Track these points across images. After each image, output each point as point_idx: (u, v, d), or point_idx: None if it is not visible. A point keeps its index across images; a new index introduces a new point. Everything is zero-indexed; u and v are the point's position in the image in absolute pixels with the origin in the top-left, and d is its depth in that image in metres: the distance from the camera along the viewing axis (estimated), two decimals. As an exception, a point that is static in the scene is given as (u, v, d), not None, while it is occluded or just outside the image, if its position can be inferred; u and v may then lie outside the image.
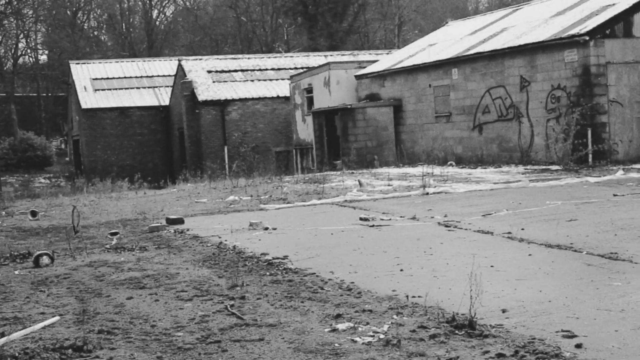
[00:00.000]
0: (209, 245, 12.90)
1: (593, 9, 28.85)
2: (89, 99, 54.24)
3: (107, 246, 13.26)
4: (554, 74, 27.39)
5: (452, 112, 32.68)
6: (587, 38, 25.94)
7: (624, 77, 26.41)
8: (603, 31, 26.24)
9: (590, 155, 25.88)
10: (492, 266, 9.64)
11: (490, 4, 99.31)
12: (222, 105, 48.53)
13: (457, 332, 6.68)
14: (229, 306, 8.10)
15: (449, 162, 31.42)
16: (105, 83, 56.26)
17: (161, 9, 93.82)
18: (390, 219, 14.97)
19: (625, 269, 9.10)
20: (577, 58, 26.39)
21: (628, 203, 15.29)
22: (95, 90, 55.26)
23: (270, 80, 51.87)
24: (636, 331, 6.52)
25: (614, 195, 16.75)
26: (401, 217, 15.25)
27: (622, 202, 15.46)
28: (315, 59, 54.07)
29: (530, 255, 10.42)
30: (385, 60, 41.33)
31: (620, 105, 26.36)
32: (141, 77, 58.01)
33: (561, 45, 27.03)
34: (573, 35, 26.47)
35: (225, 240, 13.12)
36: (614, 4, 28.03)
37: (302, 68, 50.24)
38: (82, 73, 56.87)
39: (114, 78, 57.07)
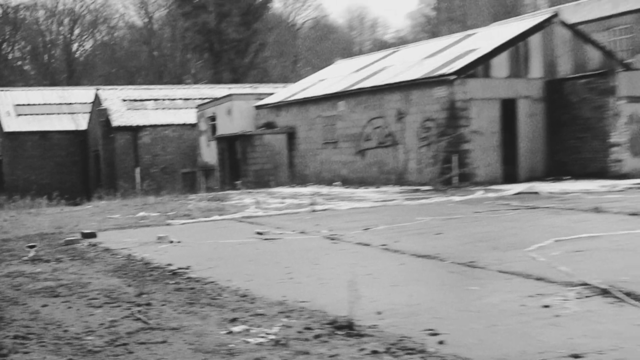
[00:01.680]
0: (119, 257, 12.60)
1: (459, 52, 29.67)
2: (11, 123, 52.69)
3: (25, 258, 12.81)
4: (425, 108, 27.95)
5: (338, 139, 32.98)
6: (454, 77, 26.57)
7: (483, 111, 27.15)
8: (467, 72, 26.95)
9: (455, 178, 26.45)
10: (369, 274, 9.73)
11: (373, 45, 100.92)
12: (134, 130, 47.83)
13: (338, 332, 6.74)
14: (135, 312, 7.97)
15: (335, 183, 31.66)
16: (27, 109, 54.85)
17: (81, 43, 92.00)
18: (282, 233, 14.94)
19: (482, 275, 9.34)
20: (445, 94, 27.00)
21: (486, 219, 15.66)
22: (18, 115, 53.74)
23: (179, 109, 51.37)
24: (490, 328, 6.71)
25: (475, 212, 17.08)
26: (292, 231, 15.24)
27: (481, 218, 15.83)
28: (219, 91, 53.79)
29: (402, 264, 10.59)
30: (281, 93, 41.46)
31: (481, 135, 27.04)
32: (61, 104, 56.82)
33: (432, 83, 27.62)
34: (442, 75, 27.11)
35: (135, 253, 12.84)
36: (476, 49, 28.91)
37: (207, 98, 49.85)
38: (6, 99, 55.23)
39: (35, 104, 55.67)
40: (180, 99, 53.09)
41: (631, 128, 26.76)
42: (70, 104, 56.99)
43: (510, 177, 27.42)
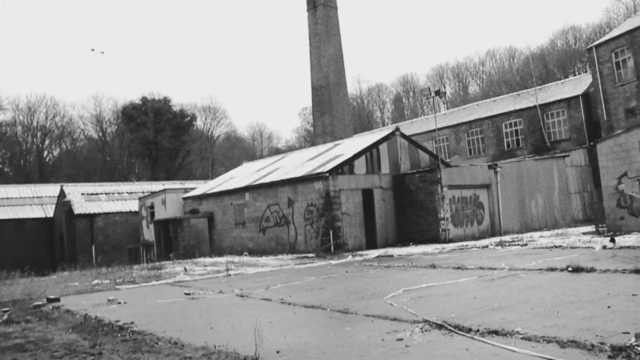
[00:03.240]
0: (77, 316, 11.84)
1: (331, 157, 30.28)
2: (-8, 213, 50.23)
3: None
4: (309, 196, 28.22)
5: (246, 221, 32.71)
6: (328, 175, 27.06)
7: (350, 198, 27.65)
8: (337, 170, 27.49)
9: (332, 247, 26.60)
10: (270, 322, 9.54)
11: (270, 151, 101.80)
12: (91, 217, 46.19)
13: (247, 368, 6.54)
14: (90, 360, 7.49)
15: (244, 253, 31.22)
16: (6, 201, 52.92)
17: (50, 151, 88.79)
18: (205, 293, 14.53)
19: (353, 319, 9.31)
20: (322, 187, 27.39)
21: (355, 276, 15.72)
22: (-1, 207, 51.56)
23: (125, 200, 50.11)
24: (359, 358, 6.66)
25: (346, 272, 17.14)
26: (212, 291, 14.83)
27: (351, 276, 15.86)
28: (156, 186, 52.92)
29: (294, 313, 10.43)
30: (203, 187, 40.98)
31: (349, 215, 27.46)
32: (33, 197, 54.97)
33: (313, 179, 28.00)
34: (319, 173, 27.54)
35: (90, 312, 12.10)
36: (343, 154, 29.59)
37: (147, 192, 49.02)
38: (-13, 195, 53.00)
39: (12, 198, 53.85)
40: (126, 192, 52.00)
41: (452, 207, 27.79)
42: (40, 197, 55.58)
43: (371, 244, 27.82)
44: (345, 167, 27.90)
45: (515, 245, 21.76)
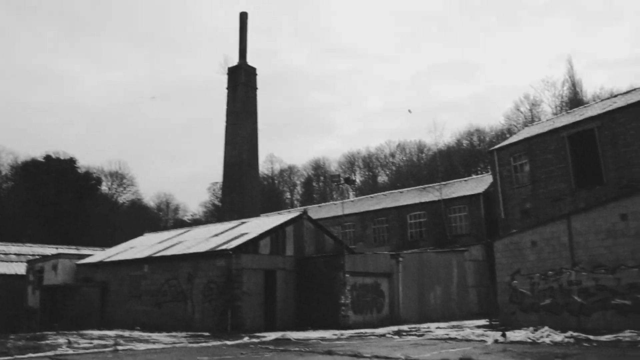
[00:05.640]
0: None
1: (236, 235, 30.05)
2: None
3: None
4: (209, 273, 27.63)
5: (142, 294, 31.40)
6: (231, 252, 26.74)
7: (252, 277, 27.30)
8: (241, 249, 27.22)
9: (229, 326, 25.91)
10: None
11: (175, 223, 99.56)
12: (-34, 278, 42.89)
13: None
14: None
15: (136, 328, 29.79)
16: None
17: None
18: (87, 369, 13.66)
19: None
20: (225, 264, 26.96)
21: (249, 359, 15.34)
22: None
23: (12, 261, 47.03)
24: None
25: (241, 354, 16.65)
26: (95, 367, 13.98)
27: (245, 359, 15.46)
28: (50, 250, 50.24)
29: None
30: (100, 254, 39.29)
31: (249, 295, 27.01)
32: None
33: (215, 255, 27.55)
34: (222, 250, 27.17)
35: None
36: (247, 233, 29.45)
37: (38, 255, 46.31)
38: None
39: None
40: (14, 254, 48.95)
41: (353, 293, 28.00)
42: None
43: (270, 326, 27.36)
44: (250, 246, 27.70)
45: (412, 335, 22.06)
